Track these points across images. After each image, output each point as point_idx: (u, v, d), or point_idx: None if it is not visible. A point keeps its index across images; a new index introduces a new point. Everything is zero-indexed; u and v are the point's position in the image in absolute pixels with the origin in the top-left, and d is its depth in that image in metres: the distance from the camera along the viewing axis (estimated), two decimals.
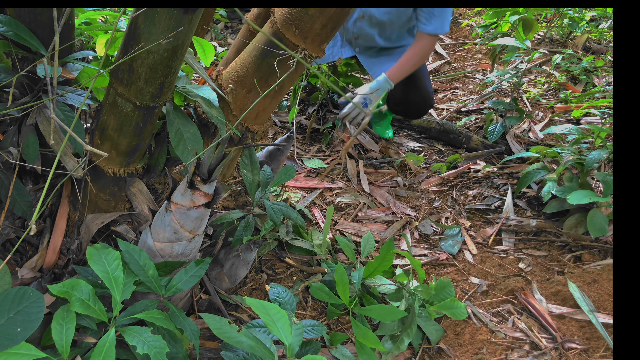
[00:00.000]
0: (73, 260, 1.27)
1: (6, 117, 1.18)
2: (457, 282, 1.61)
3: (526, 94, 2.78)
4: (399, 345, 1.28)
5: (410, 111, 2.26)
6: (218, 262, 1.43)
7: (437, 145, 2.50)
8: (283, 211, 1.42)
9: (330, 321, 1.43)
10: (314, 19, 1.15)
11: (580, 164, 1.79)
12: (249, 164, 1.43)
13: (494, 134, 2.32)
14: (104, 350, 0.90)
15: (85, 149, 0.82)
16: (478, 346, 1.35)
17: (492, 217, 1.93)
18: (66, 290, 0.96)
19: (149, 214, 1.32)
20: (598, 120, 2.39)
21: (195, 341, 1.04)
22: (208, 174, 1.08)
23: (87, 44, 1.47)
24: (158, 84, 1.05)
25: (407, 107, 2.24)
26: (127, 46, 1.00)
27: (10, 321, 0.82)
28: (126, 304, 1.12)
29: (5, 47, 1.11)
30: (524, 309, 1.49)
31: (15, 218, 1.28)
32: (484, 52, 3.43)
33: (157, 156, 1.34)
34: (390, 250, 1.37)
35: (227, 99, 1.31)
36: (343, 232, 1.79)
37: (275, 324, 0.97)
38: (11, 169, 1.21)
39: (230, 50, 1.71)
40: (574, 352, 1.33)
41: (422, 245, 1.80)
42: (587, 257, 1.67)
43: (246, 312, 1.39)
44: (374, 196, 2.05)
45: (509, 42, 2.34)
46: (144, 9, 0.92)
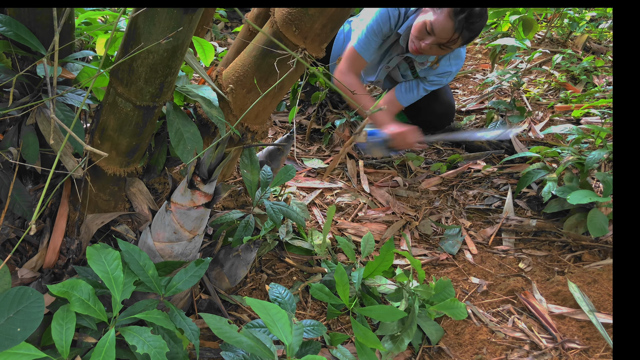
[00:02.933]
0: (73, 260, 1.27)
1: (6, 117, 1.18)
2: (457, 282, 1.61)
3: (526, 94, 2.78)
4: (399, 345, 1.28)
5: (433, 122, 2.31)
6: (218, 262, 1.42)
7: (437, 145, 2.50)
8: (283, 211, 1.42)
9: (330, 321, 1.43)
10: (314, 18, 1.15)
11: (581, 164, 1.79)
12: (249, 164, 1.43)
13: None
14: (103, 350, 0.90)
15: (85, 149, 0.82)
16: (478, 346, 1.35)
17: (492, 217, 1.93)
18: (66, 290, 0.96)
19: (148, 214, 1.32)
20: (598, 120, 2.39)
21: (195, 341, 1.04)
22: (208, 174, 1.08)
23: (87, 44, 1.47)
24: (158, 84, 1.05)
25: (430, 117, 2.28)
26: (127, 46, 1.00)
27: (10, 321, 0.82)
28: (126, 304, 1.12)
29: (5, 47, 1.11)
30: (524, 309, 1.49)
31: (15, 218, 1.28)
32: (484, 52, 3.43)
33: (157, 156, 1.34)
34: (390, 250, 1.37)
35: (227, 99, 1.31)
36: (343, 232, 1.79)
37: (275, 324, 0.97)
38: (11, 169, 1.21)
39: (230, 50, 1.71)
40: (574, 352, 1.33)
41: (422, 245, 1.80)
42: (587, 257, 1.67)
43: (246, 312, 1.39)
44: (374, 196, 2.05)
45: (509, 42, 2.34)
46: (144, 9, 0.92)
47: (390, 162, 2.30)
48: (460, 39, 1.84)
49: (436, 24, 1.81)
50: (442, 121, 2.30)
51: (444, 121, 2.30)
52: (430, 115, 2.27)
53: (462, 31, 1.80)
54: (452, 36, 1.82)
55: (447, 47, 1.88)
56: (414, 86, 2.18)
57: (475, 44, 3.48)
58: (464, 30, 1.80)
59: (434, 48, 1.89)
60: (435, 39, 1.85)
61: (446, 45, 1.87)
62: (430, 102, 2.23)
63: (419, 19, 1.89)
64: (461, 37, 1.83)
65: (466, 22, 1.78)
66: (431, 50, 1.91)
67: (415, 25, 1.90)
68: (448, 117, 2.29)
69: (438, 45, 1.88)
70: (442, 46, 1.88)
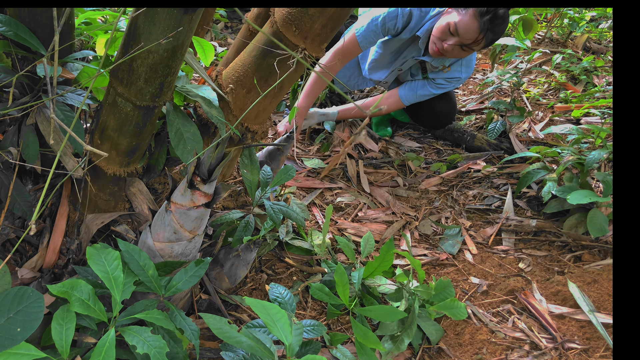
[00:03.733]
0: (73, 260, 1.27)
1: (6, 117, 1.18)
2: (457, 282, 1.61)
3: (526, 93, 2.78)
4: (399, 345, 1.28)
5: (434, 121, 2.31)
6: (218, 262, 1.42)
7: (437, 145, 2.50)
8: (283, 211, 1.42)
9: (330, 321, 1.43)
10: (314, 18, 1.15)
11: (581, 164, 1.79)
12: (249, 164, 1.43)
13: (494, 132, 2.34)
14: (103, 350, 0.90)
15: (85, 149, 0.82)
16: (478, 346, 1.35)
17: (492, 217, 1.93)
18: (66, 290, 0.96)
19: (148, 214, 1.32)
20: (598, 120, 2.39)
21: (195, 341, 1.04)
22: (208, 174, 1.08)
23: (87, 43, 1.47)
24: (158, 83, 1.05)
25: (431, 116, 2.28)
26: (127, 46, 1.00)
27: (10, 321, 0.82)
28: (126, 304, 1.12)
29: (5, 47, 1.11)
30: (524, 309, 1.49)
31: (15, 218, 1.28)
32: (484, 51, 3.43)
33: (157, 156, 1.34)
34: (390, 250, 1.37)
35: (227, 99, 1.31)
36: (343, 232, 1.79)
37: (275, 324, 0.97)
38: (11, 169, 1.21)
39: (230, 50, 1.71)
40: (574, 352, 1.33)
41: (422, 245, 1.80)
42: (587, 257, 1.67)
43: (246, 312, 1.39)
44: (374, 196, 2.05)
45: (509, 42, 2.34)
46: (143, 8, 0.92)
47: (390, 162, 2.30)
48: (484, 40, 1.85)
49: (461, 25, 1.82)
50: (443, 121, 2.31)
51: (445, 121, 2.31)
52: (431, 114, 2.27)
53: (486, 32, 1.81)
54: (477, 37, 1.83)
55: (470, 49, 1.89)
56: (419, 86, 2.18)
57: None
58: (488, 31, 1.81)
59: (455, 49, 1.90)
60: (458, 39, 1.85)
61: (469, 46, 1.87)
62: (433, 101, 2.23)
63: (442, 20, 1.89)
64: (485, 38, 1.83)
65: (490, 24, 1.79)
66: (453, 52, 1.91)
67: (438, 27, 1.90)
68: (449, 117, 2.30)
69: (460, 46, 1.88)
70: (465, 47, 1.88)
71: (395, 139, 2.51)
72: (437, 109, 2.25)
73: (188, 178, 1.07)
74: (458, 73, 2.12)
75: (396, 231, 1.84)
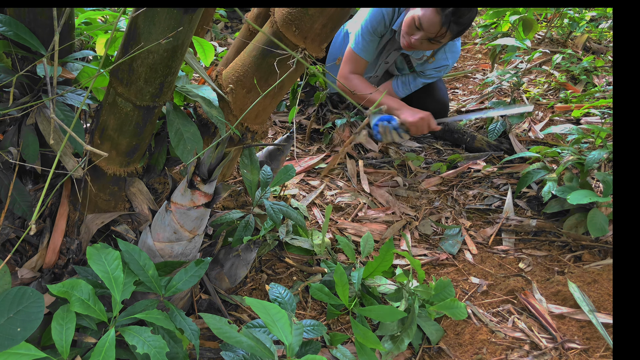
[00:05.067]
0: (73, 260, 1.27)
1: (6, 117, 1.18)
2: (457, 282, 1.61)
3: (526, 93, 2.78)
4: (399, 346, 1.28)
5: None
6: (218, 262, 1.42)
7: (437, 145, 2.50)
8: (283, 211, 1.42)
9: (330, 321, 1.43)
10: (314, 18, 1.15)
11: (581, 163, 1.79)
12: (249, 164, 1.43)
13: (494, 132, 2.34)
14: (103, 350, 0.90)
15: (85, 149, 0.82)
16: (478, 346, 1.35)
17: (492, 217, 1.93)
18: (66, 290, 0.96)
19: (148, 214, 1.32)
20: (598, 120, 2.39)
21: (195, 341, 1.04)
22: (208, 174, 1.08)
23: (87, 43, 1.47)
24: (158, 83, 1.05)
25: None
26: (127, 46, 1.00)
27: (10, 321, 0.82)
28: (126, 304, 1.12)
29: (5, 47, 1.11)
30: (524, 309, 1.49)
31: (15, 218, 1.28)
32: (484, 52, 3.43)
33: (157, 156, 1.34)
34: (390, 250, 1.36)
35: (227, 99, 1.31)
36: (343, 232, 1.79)
37: (275, 324, 0.97)
38: (11, 169, 1.21)
39: (230, 50, 1.71)
40: (574, 352, 1.33)
41: (422, 245, 1.80)
42: (587, 257, 1.67)
43: (246, 312, 1.39)
44: (374, 196, 2.05)
45: (509, 42, 2.35)
46: (143, 8, 0.92)
47: (390, 162, 2.30)
48: (449, 33, 1.84)
49: (424, 19, 1.81)
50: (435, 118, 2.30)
51: (437, 118, 2.30)
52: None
53: (449, 25, 1.80)
54: (440, 30, 1.82)
55: (437, 42, 1.88)
56: (410, 80, 2.19)
57: (475, 44, 3.48)
58: (452, 24, 1.80)
59: (424, 43, 1.89)
60: (424, 33, 1.85)
61: (435, 39, 1.86)
62: (424, 100, 2.23)
63: (409, 14, 1.89)
64: (449, 31, 1.82)
65: (453, 16, 1.78)
66: (422, 45, 1.91)
67: (405, 21, 1.90)
68: (441, 115, 2.28)
69: (428, 40, 1.87)
70: (432, 40, 1.87)
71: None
72: (428, 107, 2.24)
73: (188, 178, 1.07)
74: (444, 60, 2.12)
75: (396, 231, 1.84)
